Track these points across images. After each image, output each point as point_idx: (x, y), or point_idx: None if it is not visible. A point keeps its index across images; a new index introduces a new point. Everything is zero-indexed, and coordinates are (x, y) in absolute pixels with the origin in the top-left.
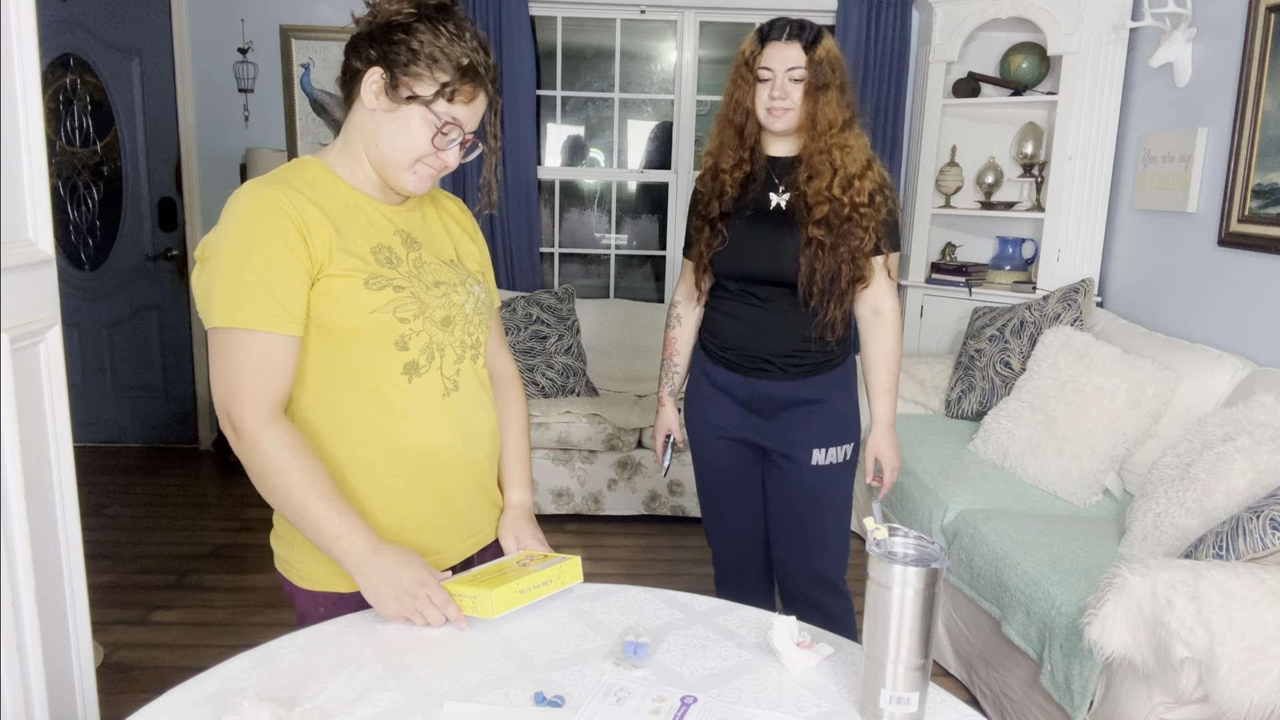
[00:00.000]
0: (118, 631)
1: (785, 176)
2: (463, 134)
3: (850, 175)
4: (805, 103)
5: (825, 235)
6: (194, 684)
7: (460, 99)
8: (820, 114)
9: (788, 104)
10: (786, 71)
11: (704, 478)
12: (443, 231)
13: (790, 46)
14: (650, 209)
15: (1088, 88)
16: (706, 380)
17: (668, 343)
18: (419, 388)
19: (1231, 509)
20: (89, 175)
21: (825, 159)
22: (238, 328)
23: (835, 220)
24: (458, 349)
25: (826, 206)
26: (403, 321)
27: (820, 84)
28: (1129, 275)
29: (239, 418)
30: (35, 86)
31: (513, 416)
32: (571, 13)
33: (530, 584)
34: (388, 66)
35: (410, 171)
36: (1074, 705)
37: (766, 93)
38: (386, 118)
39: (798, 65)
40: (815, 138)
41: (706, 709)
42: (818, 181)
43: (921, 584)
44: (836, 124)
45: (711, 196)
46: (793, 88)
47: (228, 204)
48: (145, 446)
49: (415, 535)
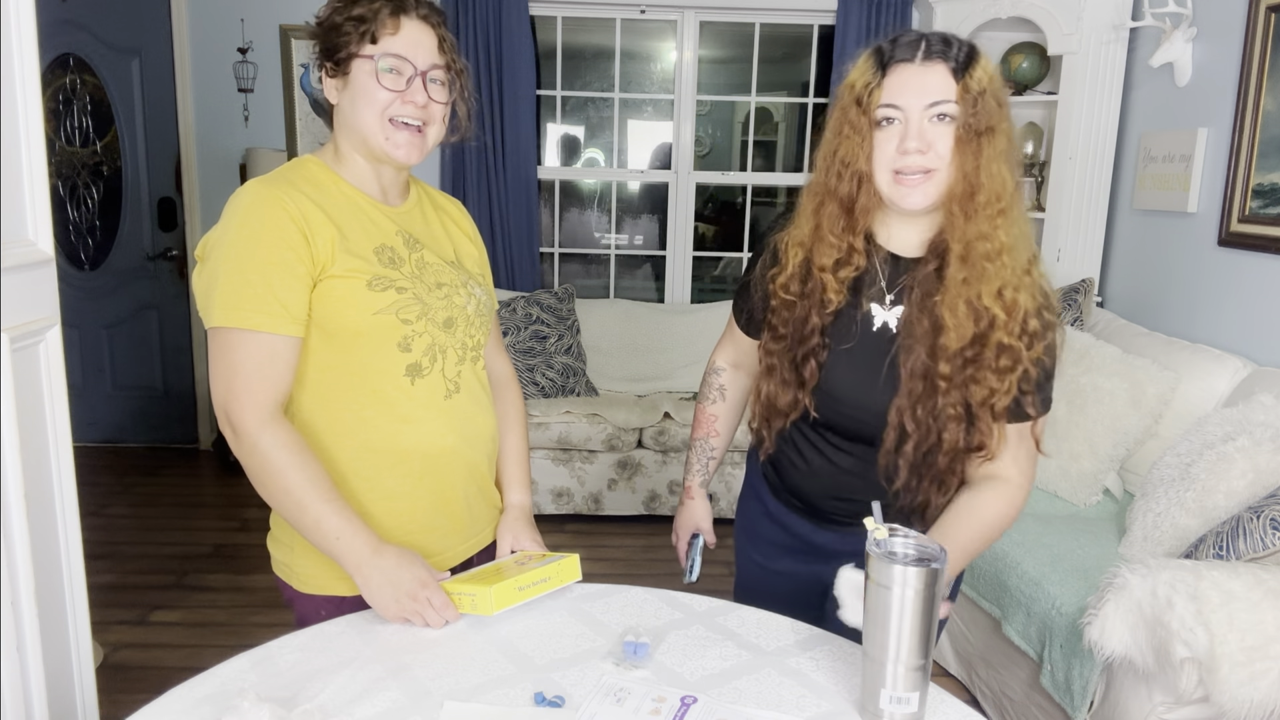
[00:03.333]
0: (118, 631)
1: (902, 280)
2: (414, 69)
3: (1016, 276)
4: (957, 158)
5: (951, 379)
6: (194, 684)
7: (386, 31)
8: (983, 176)
9: (930, 160)
10: (927, 109)
11: (743, 585)
12: (443, 233)
13: (932, 69)
14: (650, 209)
15: (1088, 88)
16: (767, 517)
17: (702, 420)
18: (421, 389)
19: (1231, 509)
20: (89, 175)
21: (989, 250)
22: (238, 328)
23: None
24: (459, 350)
25: (971, 328)
26: (405, 323)
27: (982, 127)
28: (1129, 275)
29: (238, 418)
30: (35, 86)
31: (511, 418)
32: (571, 13)
33: (529, 581)
34: (327, 55)
35: (386, 138)
36: (1074, 705)
37: (894, 144)
38: (345, 97)
39: (945, 99)
40: (972, 215)
41: (706, 709)
42: (974, 287)
43: (921, 584)
44: (1006, 194)
45: (807, 309)
46: (938, 134)
47: (229, 202)
48: (145, 446)
49: (415, 536)
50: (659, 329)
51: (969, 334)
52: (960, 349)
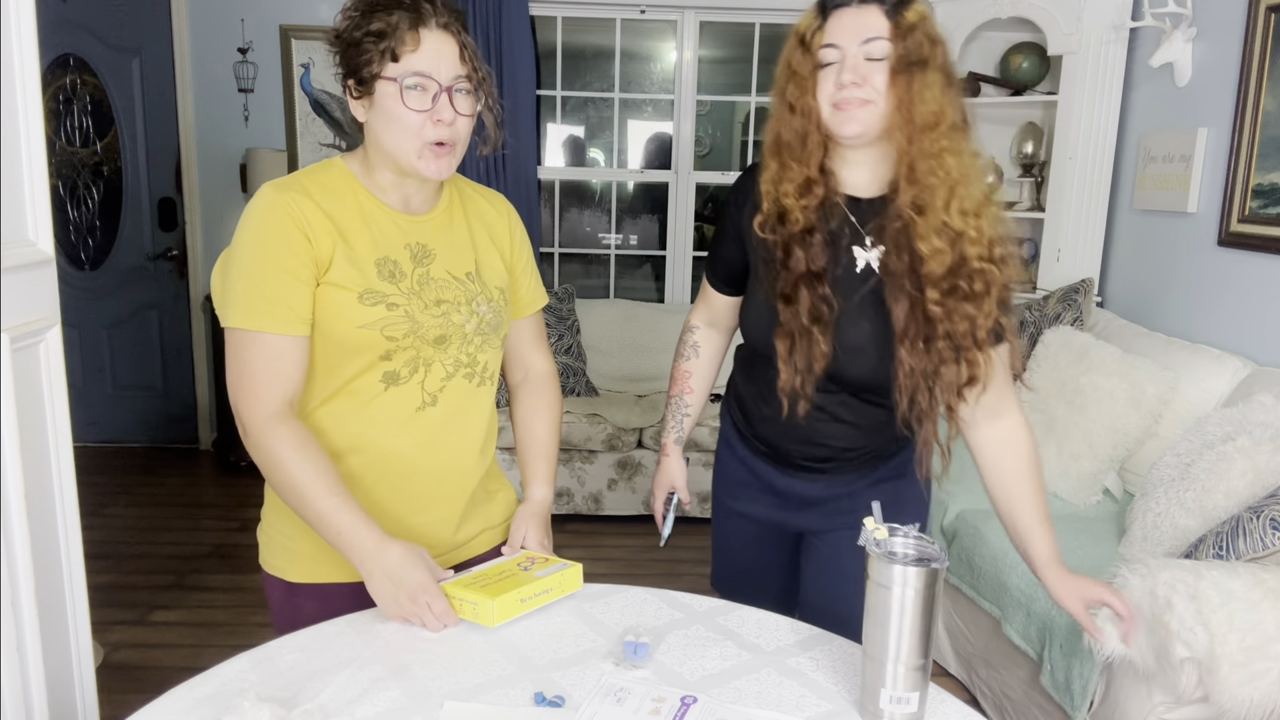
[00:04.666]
0: (118, 631)
1: (873, 222)
2: (439, 86)
3: (975, 203)
4: (893, 90)
5: (942, 301)
6: (194, 684)
7: (407, 49)
8: (917, 103)
9: (865, 92)
10: (862, 45)
11: (722, 554)
12: (467, 241)
13: (865, 11)
14: (651, 209)
15: (1088, 88)
16: (735, 459)
17: (677, 376)
18: (393, 397)
19: (1231, 509)
20: (89, 175)
21: (936, 167)
22: (247, 329)
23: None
24: (449, 366)
25: (949, 253)
26: (390, 340)
27: (914, 59)
28: (1129, 275)
29: (246, 415)
30: (35, 86)
31: (542, 413)
32: (571, 13)
33: (531, 592)
34: (350, 72)
35: (418, 155)
36: (1074, 705)
37: (832, 79)
38: (373, 116)
39: (878, 35)
40: (914, 138)
41: (706, 709)
42: (929, 217)
43: (921, 584)
44: (945, 120)
45: (778, 241)
46: (872, 69)
47: (246, 207)
48: (145, 446)
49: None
50: (659, 329)
51: (948, 260)
52: (943, 276)
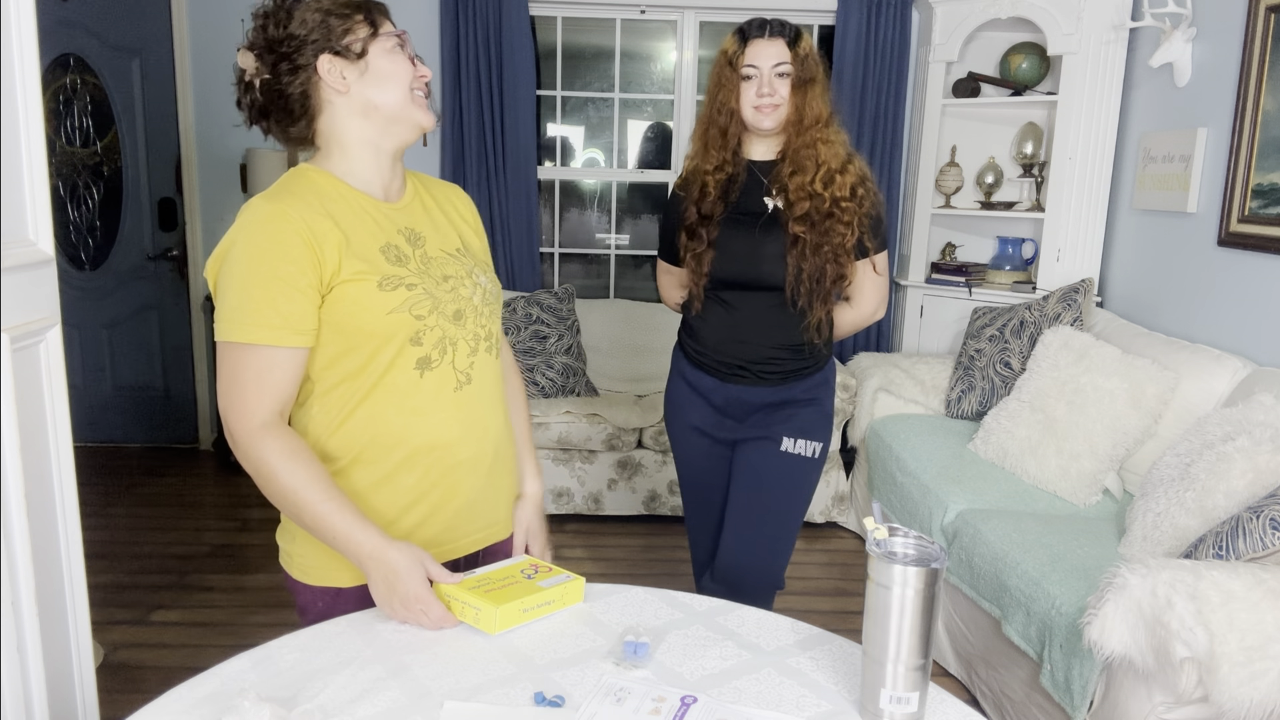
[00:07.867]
0: (118, 631)
1: (769, 178)
2: (409, 45)
3: (832, 170)
4: (793, 98)
5: (808, 232)
6: (194, 684)
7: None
8: (807, 109)
9: (776, 100)
10: (773, 68)
11: (683, 475)
12: (445, 221)
13: (774, 43)
14: (650, 209)
15: (1088, 88)
16: (684, 382)
17: None
18: (430, 382)
19: (1231, 509)
20: (89, 175)
21: (810, 153)
22: (238, 342)
23: (817, 217)
24: (471, 342)
25: (808, 203)
26: (419, 319)
27: (806, 78)
28: (1129, 275)
29: (234, 427)
30: (35, 86)
31: (517, 404)
32: (571, 13)
33: (534, 602)
34: (325, 48)
35: (415, 105)
36: (1074, 705)
37: (753, 90)
38: (363, 83)
39: (784, 61)
40: (801, 132)
41: (706, 709)
42: (800, 177)
43: (921, 584)
44: (822, 118)
45: (690, 201)
46: (780, 84)
47: (236, 220)
48: (145, 446)
49: (423, 529)
50: (659, 329)
51: (808, 207)
52: (807, 214)
